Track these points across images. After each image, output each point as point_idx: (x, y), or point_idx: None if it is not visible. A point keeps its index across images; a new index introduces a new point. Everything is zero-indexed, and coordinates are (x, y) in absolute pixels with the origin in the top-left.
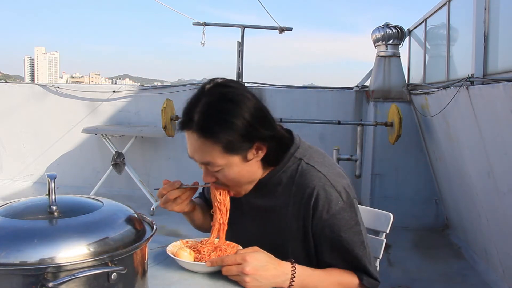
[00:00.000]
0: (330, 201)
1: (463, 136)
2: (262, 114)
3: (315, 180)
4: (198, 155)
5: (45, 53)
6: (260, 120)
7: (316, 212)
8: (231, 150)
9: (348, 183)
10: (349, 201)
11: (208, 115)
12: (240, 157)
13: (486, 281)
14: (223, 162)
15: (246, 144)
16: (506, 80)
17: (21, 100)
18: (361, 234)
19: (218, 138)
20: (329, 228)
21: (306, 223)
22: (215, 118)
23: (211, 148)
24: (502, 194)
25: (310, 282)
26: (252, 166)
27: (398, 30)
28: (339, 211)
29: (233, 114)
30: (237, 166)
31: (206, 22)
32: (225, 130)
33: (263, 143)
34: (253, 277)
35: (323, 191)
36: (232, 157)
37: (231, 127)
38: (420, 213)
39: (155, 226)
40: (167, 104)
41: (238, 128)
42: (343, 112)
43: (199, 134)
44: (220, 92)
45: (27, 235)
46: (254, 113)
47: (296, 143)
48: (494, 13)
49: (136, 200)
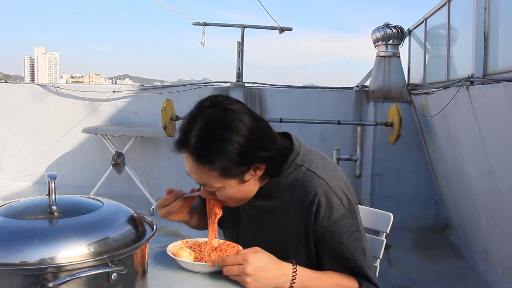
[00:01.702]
0: (332, 208)
1: (463, 136)
2: (258, 137)
3: (317, 186)
4: (195, 176)
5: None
6: (256, 144)
7: (318, 219)
8: (227, 175)
9: (349, 188)
10: (350, 208)
11: (204, 141)
12: (237, 180)
13: (486, 281)
14: (220, 185)
15: (243, 167)
16: (506, 80)
17: (21, 100)
18: (362, 241)
19: (214, 164)
20: (330, 234)
21: (307, 229)
22: (210, 145)
23: (207, 172)
24: (502, 194)
25: (310, 284)
26: (250, 185)
27: (398, 30)
28: (340, 217)
29: (228, 141)
30: (233, 187)
31: (206, 22)
32: (220, 157)
33: (261, 163)
34: (254, 278)
35: (324, 198)
36: (229, 181)
37: (226, 154)
38: (420, 213)
39: (155, 226)
40: (167, 104)
41: (233, 155)
42: (343, 112)
43: (195, 159)
44: (216, 117)
45: (27, 235)
46: (250, 137)
47: (296, 148)
48: (494, 13)
49: (136, 200)
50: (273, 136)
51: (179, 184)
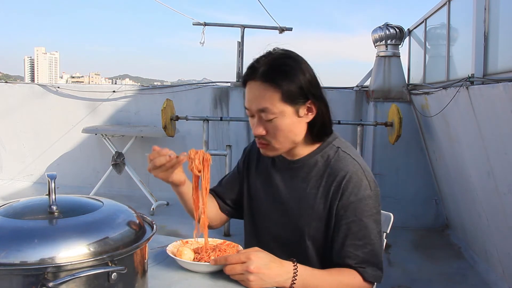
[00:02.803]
0: (360, 186)
1: (463, 136)
2: (317, 79)
3: (350, 165)
4: (256, 102)
5: (45, 53)
6: (316, 82)
7: (345, 193)
8: (288, 99)
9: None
10: (376, 191)
11: (273, 66)
12: (294, 109)
13: (486, 281)
14: (278, 110)
15: (301, 98)
16: (506, 80)
17: (21, 100)
18: (380, 225)
19: (279, 85)
20: (352, 210)
21: (332, 203)
22: (279, 69)
23: (270, 93)
24: (502, 194)
25: (311, 281)
26: (300, 124)
27: (398, 30)
28: (365, 197)
29: (296, 68)
30: (289, 117)
31: (206, 22)
32: (287, 79)
33: (315, 104)
34: (257, 276)
35: (355, 176)
36: (287, 107)
37: (292, 78)
38: (420, 213)
39: (155, 226)
40: (167, 104)
41: (298, 80)
42: (343, 112)
43: (262, 80)
44: (285, 52)
45: (27, 235)
46: (313, 74)
47: (335, 134)
48: (494, 13)
49: (136, 200)
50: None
51: None
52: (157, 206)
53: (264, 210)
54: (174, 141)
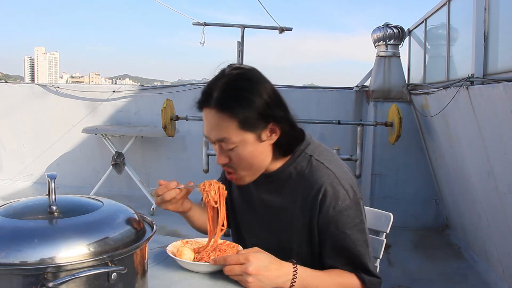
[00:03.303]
0: (337, 198)
1: (463, 136)
2: (278, 96)
3: (324, 176)
4: (214, 131)
5: (45, 53)
6: (276, 101)
7: (323, 208)
8: (246, 126)
9: (355, 182)
10: (356, 199)
11: (228, 92)
12: (255, 135)
13: (486, 281)
14: (238, 139)
15: (261, 122)
16: (506, 80)
17: (21, 100)
18: (365, 233)
19: (235, 113)
20: (334, 224)
21: (312, 218)
22: (234, 95)
23: (227, 123)
24: (502, 194)
25: (311, 283)
26: (264, 148)
27: (398, 30)
28: (345, 208)
29: (250, 91)
30: (251, 145)
31: (206, 22)
32: (242, 106)
33: (277, 125)
34: (256, 277)
35: (331, 188)
36: (247, 135)
37: (248, 103)
38: (420, 213)
39: (155, 226)
40: (167, 104)
41: (254, 105)
42: (343, 112)
43: (217, 109)
44: (239, 73)
45: (27, 235)
46: (271, 94)
47: (307, 140)
48: (494, 13)
49: (136, 200)
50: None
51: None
52: (157, 206)
53: (247, 224)
54: (174, 141)
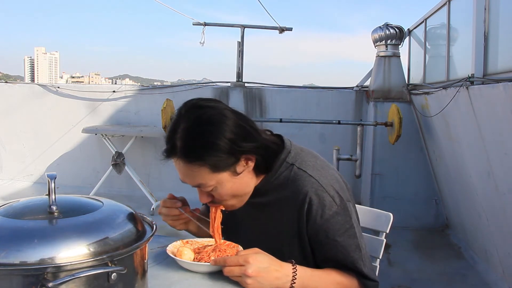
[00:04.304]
0: (324, 206)
1: (463, 136)
2: (242, 129)
3: (307, 185)
4: (188, 179)
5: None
6: (241, 135)
7: (310, 218)
8: (218, 169)
9: (341, 185)
10: (343, 205)
11: (189, 140)
12: (230, 172)
13: (486, 281)
14: (214, 182)
15: (232, 160)
16: (506, 80)
17: (21, 100)
18: (356, 237)
19: (203, 160)
20: (323, 232)
21: (301, 228)
22: (197, 142)
23: (198, 171)
24: (502, 194)
25: (310, 283)
26: (244, 178)
27: (398, 30)
28: (332, 215)
29: (212, 135)
30: (228, 182)
31: (206, 22)
32: (208, 152)
33: (250, 154)
34: (255, 279)
35: (315, 197)
36: (221, 175)
37: (213, 147)
38: (420, 213)
39: (155, 226)
40: (167, 104)
41: (220, 147)
42: (343, 112)
43: (184, 160)
44: (196, 115)
45: (27, 235)
46: (234, 129)
47: (287, 147)
48: (494, 13)
49: (136, 200)
50: (257, 129)
51: (179, 184)
52: (157, 206)
53: (240, 234)
54: None
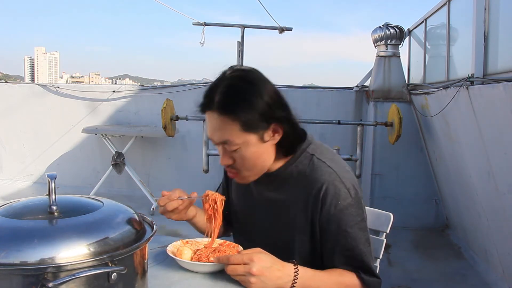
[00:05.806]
0: (339, 196)
1: (463, 136)
2: (280, 97)
3: (325, 175)
4: (217, 134)
5: (45, 53)
6: (278, 102)
7: (324, 206)
8: (249, 128)
9: (356, 181)
10: (357, 198)
11: (229, 94)
12: (257, 136)
13: (486, 281)
14: (241, 140)
15: (263, 123)
16: (506, 80)
17: (21, 100)
18: (366, 231)
19: (237, 115)
20: (335, 223)
21: (314, 217)
22: (235, 97)
23: (230, 125)
24: (502, 194)
25: (312, 283)
26: (267, 149)
27: (398, 30)
28: (346, 206)
29: (252, 93)
30: (253, 145)
31: (206, 22)
32: (244, 108)
33: (280, 125)
34: (259, 278)
35: (332, 186)
36: (249, 136)
37: (250, 105)
38: (420, 213)
39: (155, 226)
40: (167, 104)
41: (256, 107)
42: (343, 112)
43: (219, 112)
44: (240, 75)
45: (27, 235)
46: (273, 95)
47: (309, 139)
48: (494, 13)
49: (136, 200)
50: (289, 107)
51: (179, 184)
52: (157, 206)
53: (248, 224)
54: (174, 141)
